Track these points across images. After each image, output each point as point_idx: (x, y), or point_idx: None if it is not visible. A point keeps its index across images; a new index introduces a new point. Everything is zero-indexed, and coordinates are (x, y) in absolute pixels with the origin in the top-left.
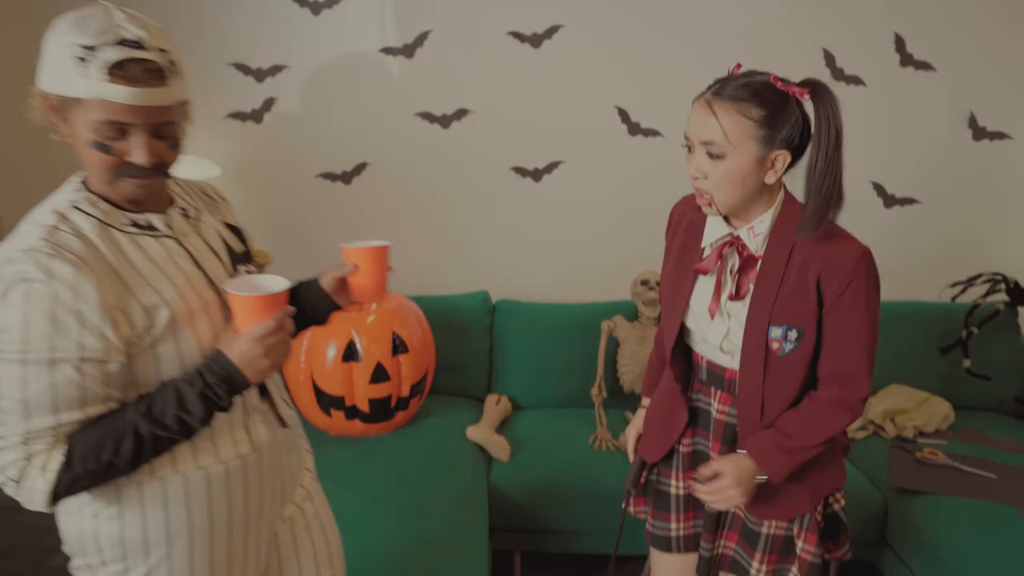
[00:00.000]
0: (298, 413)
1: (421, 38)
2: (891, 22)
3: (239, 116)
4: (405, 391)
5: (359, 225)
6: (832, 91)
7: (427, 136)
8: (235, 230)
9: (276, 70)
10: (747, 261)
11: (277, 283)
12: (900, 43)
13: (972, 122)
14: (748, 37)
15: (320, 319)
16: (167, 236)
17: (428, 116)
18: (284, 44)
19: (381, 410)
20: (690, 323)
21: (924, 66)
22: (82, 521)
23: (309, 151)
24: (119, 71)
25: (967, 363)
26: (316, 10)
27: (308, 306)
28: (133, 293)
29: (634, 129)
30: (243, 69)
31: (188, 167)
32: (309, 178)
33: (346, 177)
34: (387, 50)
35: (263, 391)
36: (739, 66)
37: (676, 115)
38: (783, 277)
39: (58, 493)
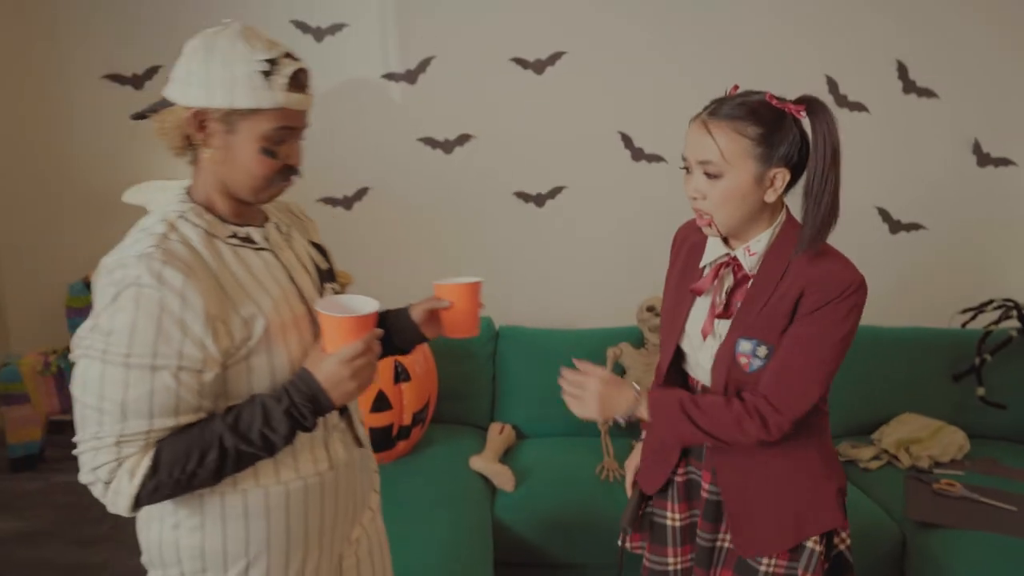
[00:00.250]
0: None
1: (424, 64)
2: (893, 49)
3: None
4: (407, 420)
5: (360, 251)
6: (828, 107)
7: (429, 161)
8: (319, 248)
9: None
10: (741, 281)
11: (367, 304)
12: (903, 70)
13: (977, 148)
14: (751, 63)
15: (405, 349)
16: (265, 249)
17: (430, 141)
18: None
19: (382, 439)
20: (685, 346)
21: (927, 93)
22: (163, 531)
23: (310, 176)
24: (295, 81)
25: (981, 391)
26: (319, 36)
27: (395, 334)
28: (234, 303)
29: (638, 155)
30: None
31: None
32: (310, 203)
33: (347, 202)
34: (389, 76)
35: (343, 409)
36: (736, 87)
37: (679, 141)
38: (771, 296)
39: (140, 499)
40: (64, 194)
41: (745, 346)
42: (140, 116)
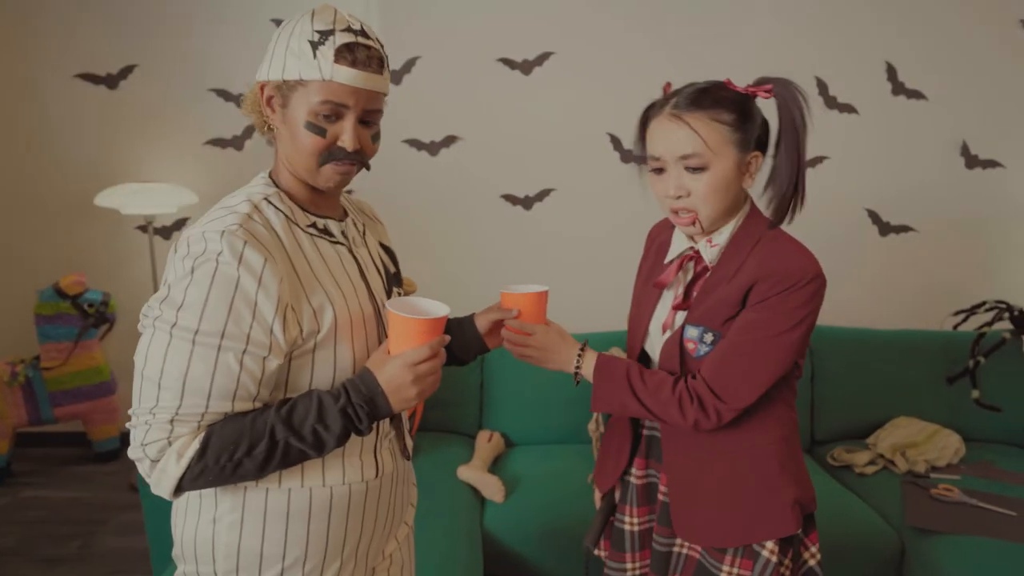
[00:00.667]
0: None
1: (409, 64)
2: (883, 51)
3: (219, 143)
4: None
5: None
6: (793, 83)
7: (415, 163)
8: (388, 251)
9: None
10: (701, 272)
11: (437, 308)
12: (892, 72)
13: (965, 151)
14: (740, 64)
15: (466, 359)
16: (340, 243)
17: (416, 143)
18: None
19: None
20: (648, 348)
21: (916, 95)
22: (200, 525)
23: None
24: (346, 54)
25: (976, 394)
26: None
27: (457, 343)
28: (306, 293)
29: (627, 156)
30: (224, 95)
31: (165, 195)
32: None
33: None
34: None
35: (394, 417)
36: (669, 85)
37: None
38: (726, 285)
39: (184, 483)
40: (34, 197)
41: (692, 332)
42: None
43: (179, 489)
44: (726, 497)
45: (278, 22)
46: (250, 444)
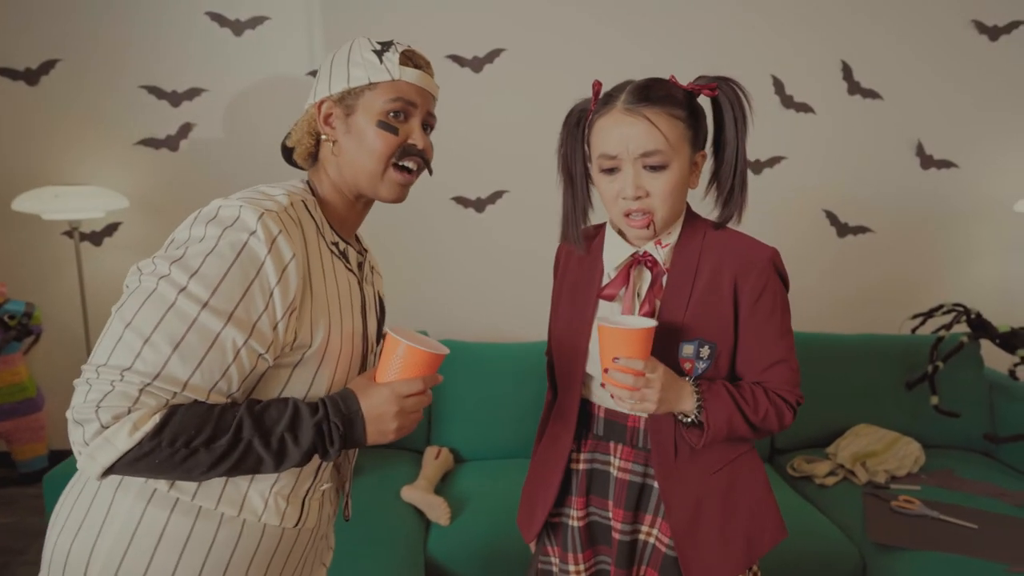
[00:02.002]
0: None
1: None
2: (838, 50)
3: (151, 143)
4: None
5: None
6: (736, 82)
7: None
8: (382, 305)
9: (194, 93)
10: (657, 277)
11: (436, 345)
12: (848, 71)
13: (920, 150)
14: (695, 63)
15: None
16: (353, 273)
17: None
18: (202, 66)
19: None
20: (590, 368)
21: (871, 94)
22: (80, 537)
23: (230, 180)
24: (411, 57)
25: (935, 400)
26: (238, 30)
27: None
28: (312, 305)
29: None
30: (156, 92)
31: (92, 198)
32: None
33: None
34: (315, 73)
35: (339, 468)
36: (599, 83)
37: None
38: (692, 287)
39: (124, 461)
40: None
41: (688, 349)
42: (289, 146)
43: (111, 469)
44: (729, 521)
45: (214, 16)
46: (212, 434)
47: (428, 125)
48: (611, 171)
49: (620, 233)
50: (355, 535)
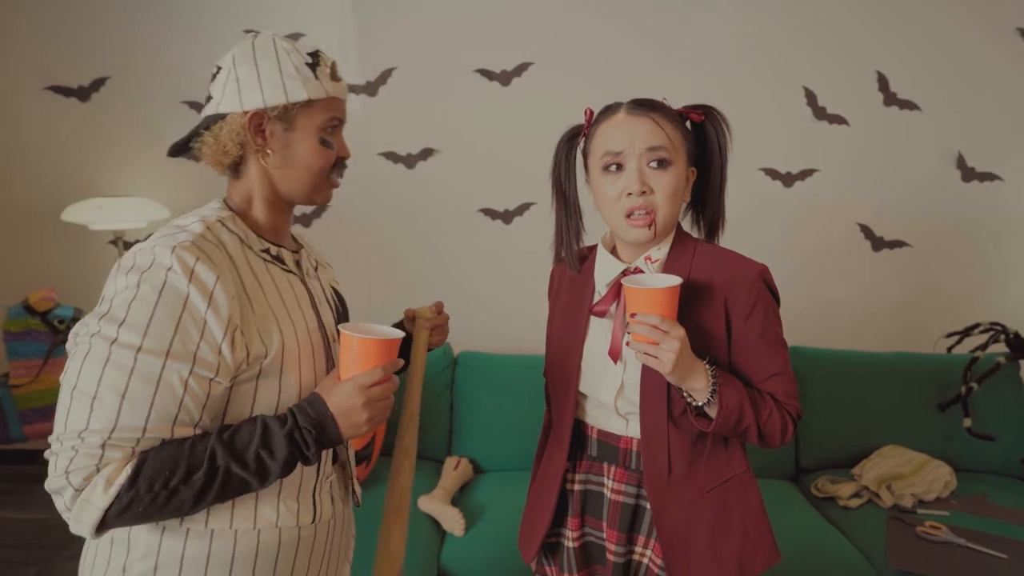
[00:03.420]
0: None
1: (385, 75)
2: (873, 61)
3: (191, 155)
4: None
5: None
6: (719, 111)
7: (391, 176)
8: (337, 294)
9: None
10: None
11: (390, 332)
12: (884, 82)
13: (961, 163)
14: (726, 75)
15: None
16: (292, 272)
17: (392, 156)
18: None
19: None
20: (583, 387)
21: (909, 105)
22: (108, 572)
23: None
24: (336, 71)
25: (968, 422)
26: None
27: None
28: (255, 315)
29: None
30: (197, 107)
31: (135, 209)
32: None
33: (305, 219)
34: (349, 87)
35: (337, 456)
36: (590, 111)
37: None
38: (698, 313)
39: (109, 517)
40: (5, 211)
41: None
42: (184, 145)
43: (103, 525)
44: (721, 542)
45: (251, 32)
46: (187, 470)
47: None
48: (616, 168)
49: (613, 252)
50: (370, 543)
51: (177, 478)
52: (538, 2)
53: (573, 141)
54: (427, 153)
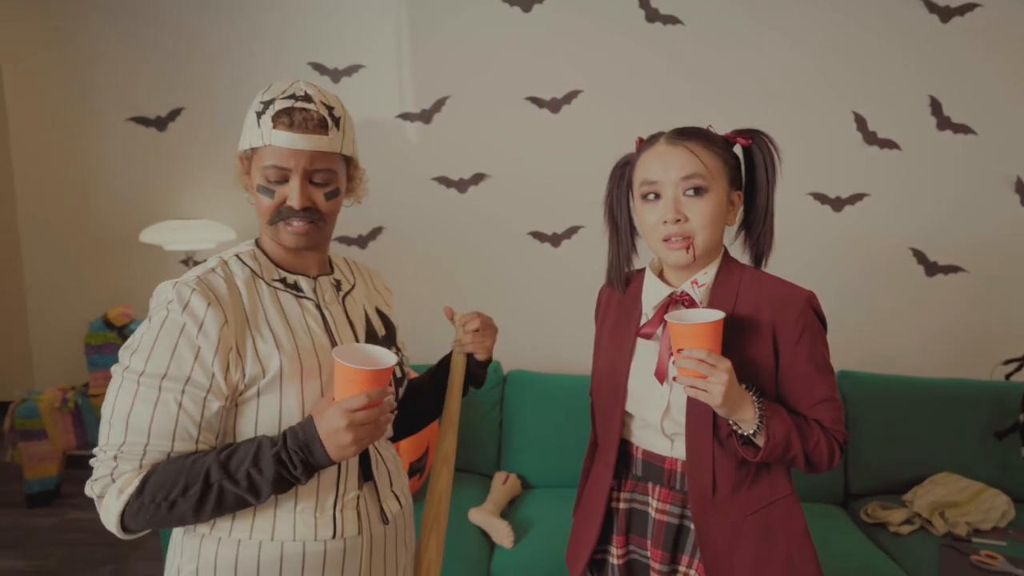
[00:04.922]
0: None
1: (439, 103)
2: (925, 85)
3: None
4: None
5: None
6: (767, 135)
7: (444, 200)
8: (386, 319)
9: None
10: None
11: (387, 357)
12: (936, 106)
13: (1020, 187)
14: (776, 100)
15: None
16: (308, 299)
17: (445, 180)
18: None
19: None
20: (630, 407)
21: (964, 129)
22: (171, 573)
23: None
24: (284, 118)
25: None
26: (336, 77)
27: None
28: (253, 338)
29: None
30: None
31: (204, 231)
32: None
33: (362, 241)
34: (405, 115)
35: (368, 475)
36: (641, 139)
37: None
38: (730, 327)
39: (126, 520)
40: (86, 233)
41: None
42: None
43: (124, 526)
44: (764, 567)
45: (316, 65)
46: (185, 485)
47: (320, 181)
48: (654, 197)
49: (661, 276)
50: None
51: (176, 492)
52: (587, 32)
53: (624, 168)
54: (479, 178)
